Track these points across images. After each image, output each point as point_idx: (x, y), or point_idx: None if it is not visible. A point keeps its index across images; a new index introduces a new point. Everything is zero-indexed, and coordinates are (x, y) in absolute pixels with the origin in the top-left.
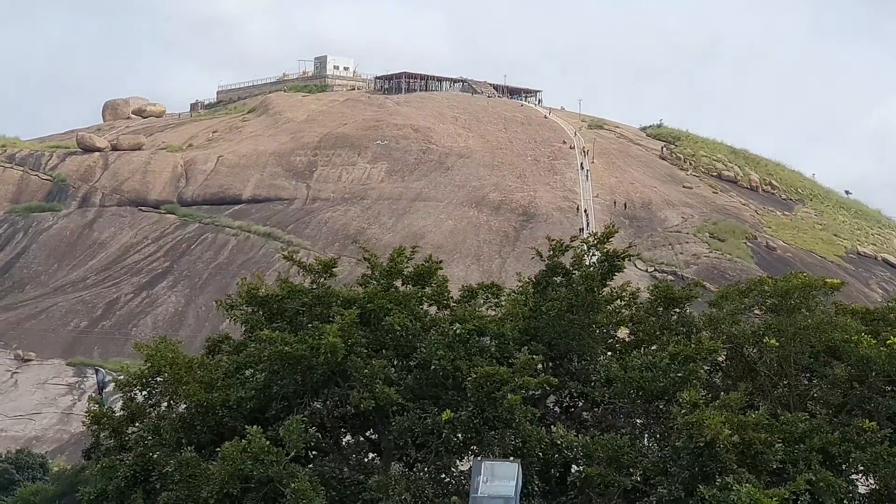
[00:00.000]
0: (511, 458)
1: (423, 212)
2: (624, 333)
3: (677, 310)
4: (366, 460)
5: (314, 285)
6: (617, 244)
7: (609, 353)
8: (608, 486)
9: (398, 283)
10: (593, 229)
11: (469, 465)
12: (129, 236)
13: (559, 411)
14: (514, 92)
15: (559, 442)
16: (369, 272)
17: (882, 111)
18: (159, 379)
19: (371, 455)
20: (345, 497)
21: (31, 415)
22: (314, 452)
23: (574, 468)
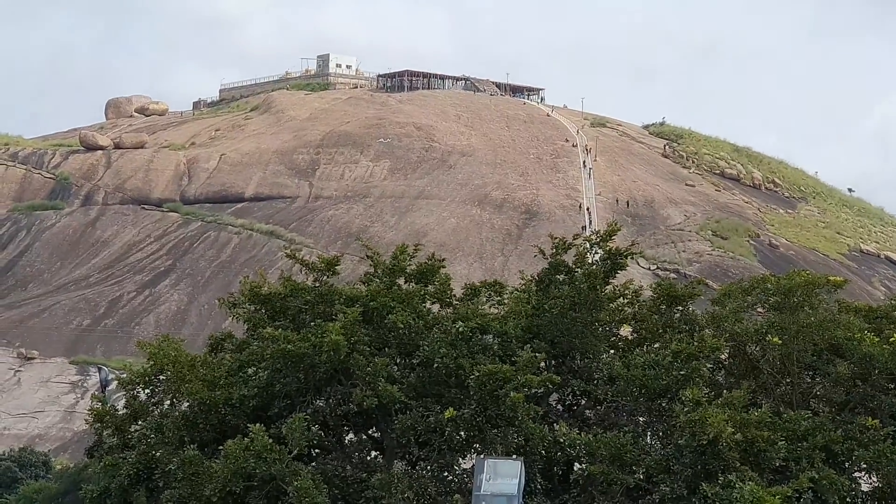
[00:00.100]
0: (514, 456)
1: (426, 210)
2: (626, 331)
3: (680, 308)
4: (368, 458)
5: (317, 283)
6: (619, 242)
7: (612, 351)
8: (611, 484)
9: (401, 282)
10: (596, 227)
11: (472, 463)
12: (132, 235)
13: (562, 409)
14: (517, 90)
15: (562, 440)
16: (372, 270)
17: (885, 109)
18: (162, 377)
19: (374, 453)
20: (347, 495)
21: (34, 413)
22: (317, 451)
23: (577, 466)
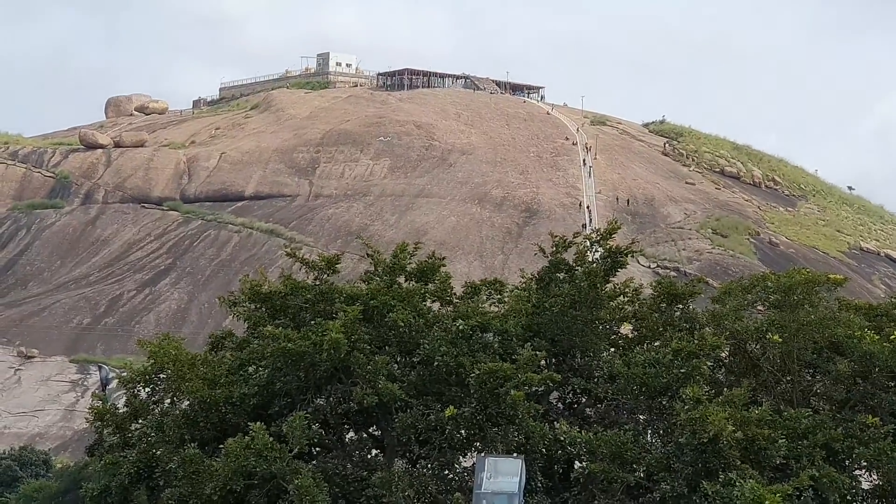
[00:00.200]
0: (514, 455)
1: (426, 208)
2: (627, 330)
3: (680, 306)
4: (369, 457)
5: (317, 282)
6: (619, 240)
7: (612, 350)
8: (611, 483)
9: (401, 280)
10: (596, 225)
11: (472, 462)
12: (132, 233)
13: (562, 407)
14: (517, 88)
15: (562, 438)
16: (372, 269)
17: (885, 107)
18: (162, 376)
19: (374, 451)
20: (348, 493)
21: (35, 412)
22: (317, 449)
23: (577, 464)
